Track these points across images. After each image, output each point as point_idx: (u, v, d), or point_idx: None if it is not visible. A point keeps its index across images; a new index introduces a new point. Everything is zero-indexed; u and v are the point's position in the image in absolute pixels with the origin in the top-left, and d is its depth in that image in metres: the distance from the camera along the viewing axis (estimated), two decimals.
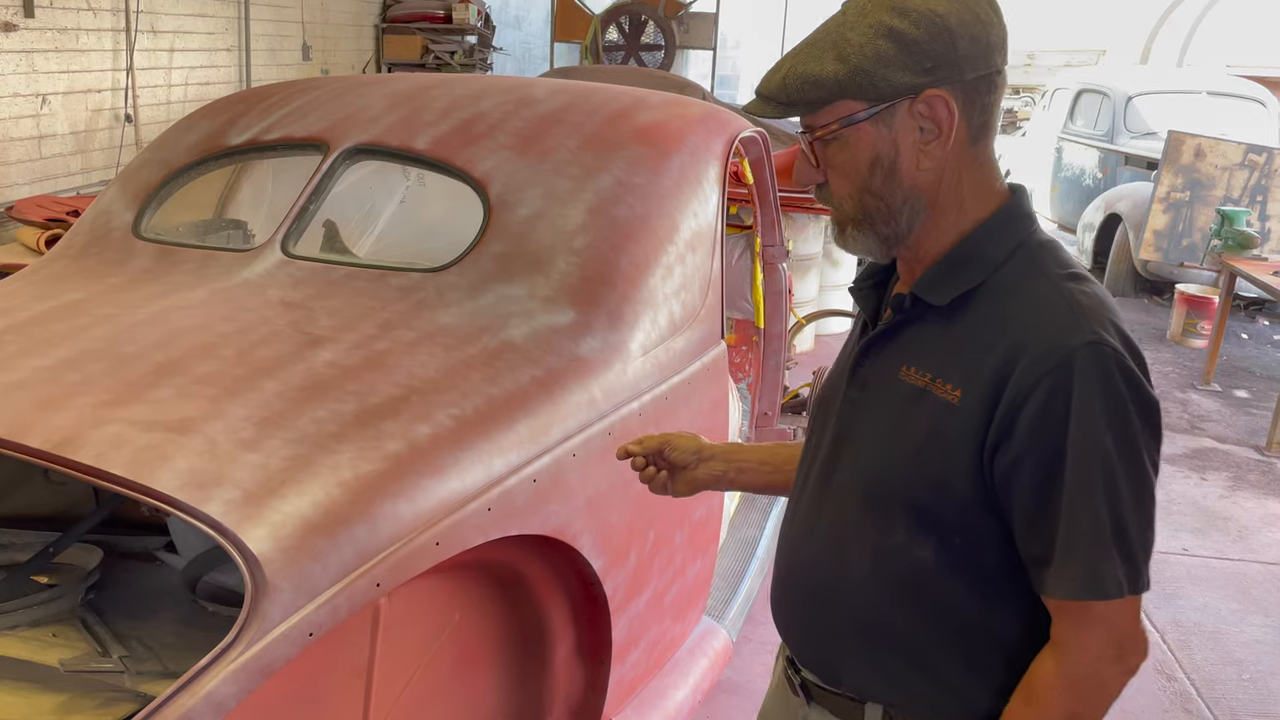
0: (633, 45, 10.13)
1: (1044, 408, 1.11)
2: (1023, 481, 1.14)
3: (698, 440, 1.56)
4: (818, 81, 1.18)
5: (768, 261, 3.60)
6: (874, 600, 1.27)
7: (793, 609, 1.38)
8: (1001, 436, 1.14)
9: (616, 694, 2.14)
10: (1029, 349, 1.13)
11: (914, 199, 1.22)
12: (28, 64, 4.92)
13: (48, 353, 1.75)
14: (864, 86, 1.17)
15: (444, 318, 1.97)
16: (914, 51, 1.16)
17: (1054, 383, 1.11)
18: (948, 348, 1.21)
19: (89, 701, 1.63)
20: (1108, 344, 1.12)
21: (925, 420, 1.20)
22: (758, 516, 3.39)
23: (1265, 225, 7.02)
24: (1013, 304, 1.18)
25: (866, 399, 1.29)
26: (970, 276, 1.21)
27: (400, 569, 1.46)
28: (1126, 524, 1.12)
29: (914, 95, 1.17)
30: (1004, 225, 1.23)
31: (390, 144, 2.30)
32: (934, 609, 1.23)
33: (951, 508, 1.19)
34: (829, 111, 1.20)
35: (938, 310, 1.23)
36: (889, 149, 1.20)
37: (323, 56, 8.01)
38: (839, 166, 1.23)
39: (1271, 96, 8.76)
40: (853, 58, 1.17)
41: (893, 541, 1.24)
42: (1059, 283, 1.18)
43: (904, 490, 1.22)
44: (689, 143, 2.39)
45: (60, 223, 4.05)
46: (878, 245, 1.26)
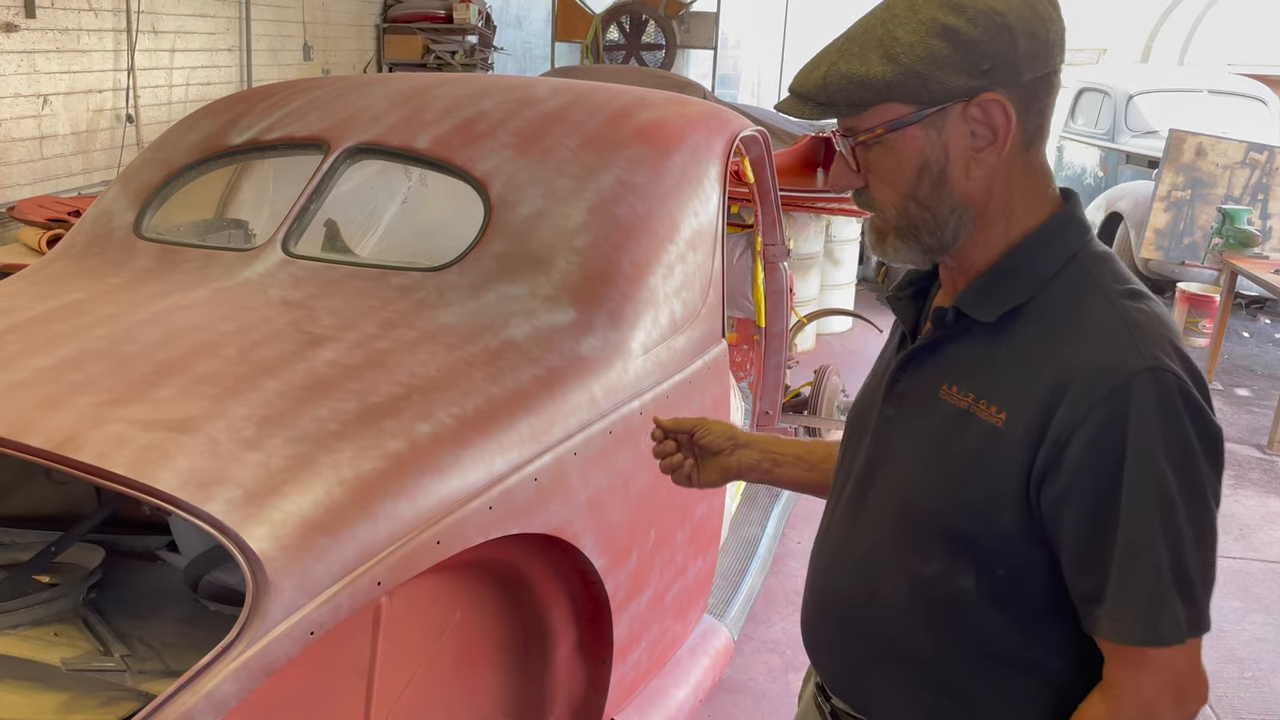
0: (634, 45, 10.13)
1: (1097, 438, 1.03)
2: (1072, 516, 1.06)
3: (732, 427, 1.51)
4: (863, 82, 1.09)
5: (769, 260, 3.60)
6: (909, 628, 1.20)
7: (823, 633, 1.32)
8: (1049, 467, 1.06)
9: (618, 693, 2.14)
10: (1081, 374, 1.04)
11: (962, 209, 1.14)
12: (29, 64, 4.93)
13: (49, 352, 1.75)
14: (915, 89, 1.08)
15: (445, 317, 1.97)
16: (970, 52, 1.07)
17: (1108, 411, 1.02)
18: (993, 367, 1.13)
19: (91, 700, 1.63)
20: (1168, 369, 1.03)
21: (967, 444, 1.12)
22: (759, 515, 3.39)
23: (1266, 224, 7.01)
24: (1064, 323, 1.10)
25: (904, 417, 1.21)
26: (1018, 291, 1.13)
27: (401, 568, 1.47)
28: (1188, 563, 1.04)
29: (968, 99, 1.09)
30: (1056, 235, 1.15)
31: (391, 143, 2.30)
32: (974, 640, 1.16)
33: (994, 537, 1.11)
34: (874, 114, 1.11)
35: (982, 326, 1.15)
36: (938, 155, 1.12)
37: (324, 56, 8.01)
38: (882, 172, 1.14)
39: (1273, 95, 8.75)
40: (903, 58, 1.08)
41: (930, 569, 1.16)
42: (1115, 300, 1.09)
43: (944, 516, 1.14)
44: (690, 142, 2.39)
45: (62, 223, 4.05)
46: (920, 255, 1.18)
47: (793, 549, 3.88)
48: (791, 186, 5.59)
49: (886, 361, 1.31)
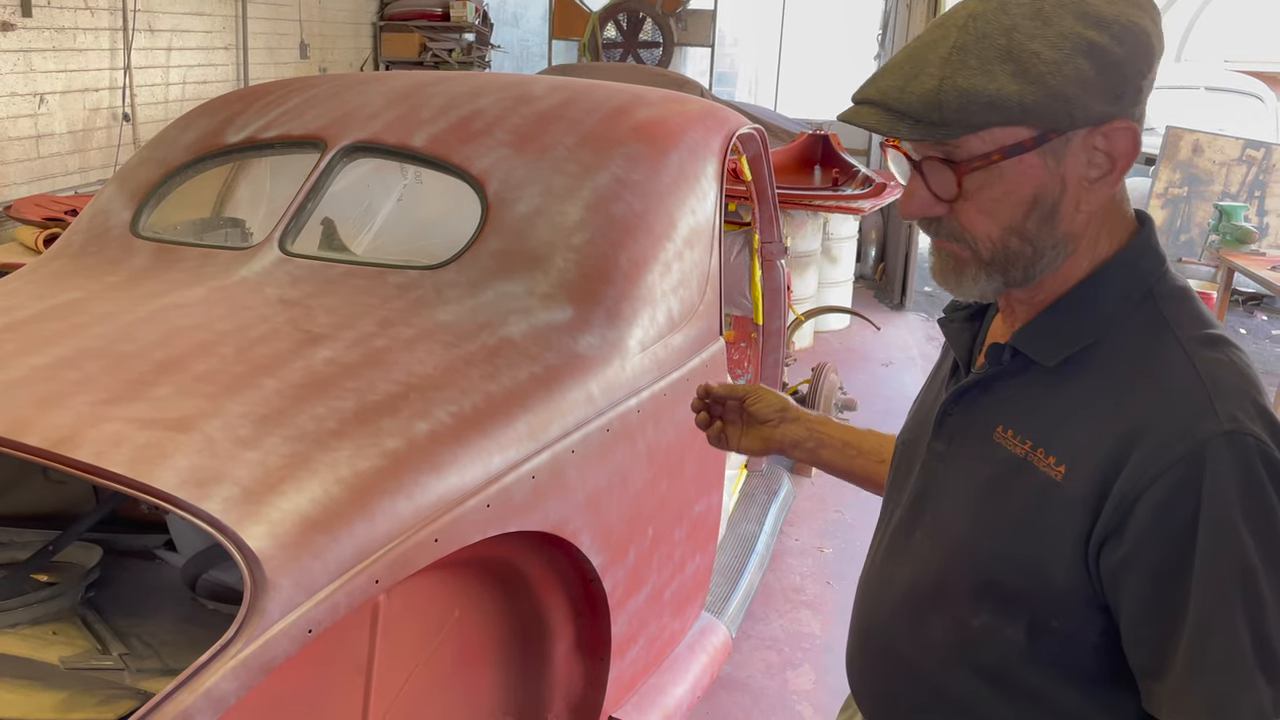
0: (631, 42, 10.13)
1: (1166, 505, 0.93)
2: (1134, 585, 0.96)
3: (785, 400, 1.46)
4: (992, 102, 0.95)
5: (766, 258, 3.60)
6: (955, 676, 1.12)
7: (868, 672, 1.25)
8: (1111, 530, 0.96)
9: (616, 690, 2.14)
10: (1151, 434, 0.94)
11: (1064, 244, 1.02)
12: (25, 63, 4.92)
13: (46, 351, 1.75)
14: (1056, 114, 0.95)
15: (442, 315, 1.97)
16: (1113, 74, 0.95)
17: (1180, 477, 0.92)
18: (1053, 414, 1.03)
19: (89, 699, 1.63)
20: (1248, 431, 0.93)
21: (1023, 495, 1.03)
22: (757, 512, 3.40)
23: (1263, 220, 7.02)
24: (1136, 373, 0.99)
25: (955, 455, 1.13)
26: (1085, 332, 1.03)
27: (399, 566, 1.47)
28: (1273, 643, 0.93)
29: (1096, 125, 0.97)
30: (1130, 268, 1.03)
31: (388, 141, 2.30)
32: (1023, 696, 1.07)
33: (1048, 594, 1.02)
34: (989, 137, 0.97)
35: (1041, 368, 1.05)
36: (1054, 187, 0.99)
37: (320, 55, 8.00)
38: (985, 202, 1.00)
39: (1269, 92, 8.76)
40: (1049, 78, 0.94)
41: (979, 620, 1.08)
42: (1193, 350, 0.98)
43: (994, 567, 1.06)
44: (687, 139, 2.39)
45: (58, 222, 4.05)
46: (995, 290, 1.06)
47: (790, 546, 3.88)
48: (789, 184, 5.59)
49: (937, 389, 1.22)
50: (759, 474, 3.66)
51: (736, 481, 3.51)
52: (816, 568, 3.75)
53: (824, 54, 14.04)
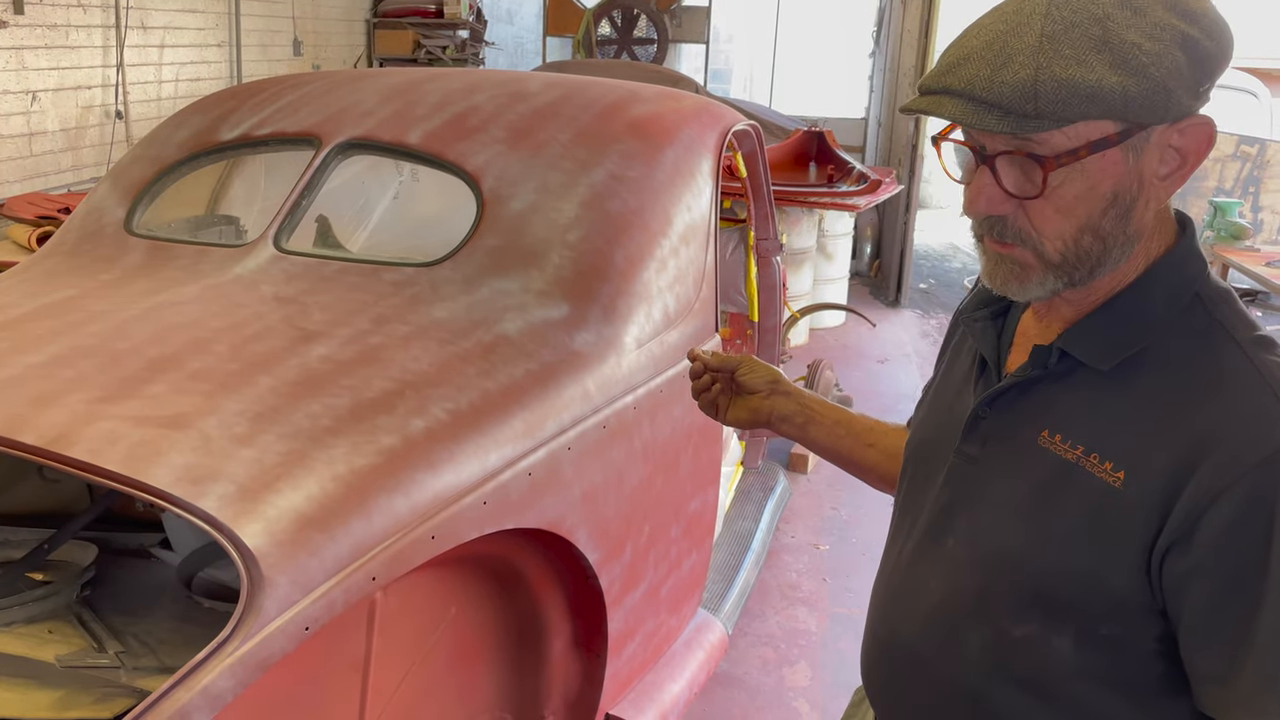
0: (625, 39, 10.12)
1: (1239, 515, 0.91)
2: (1204, 592, 0.95)
3: (776, 373, 1.43)
4: (1092, 93, 0.91)
5: (762, 255, 3.60)
6: (996, 689, 1.08)
7: (889, 680, 1.22)
8: (1177, 538, 0.94)
9: (613, 687, 2.14)
10: (1222, 442, 0.93)
11: (1131, 244, 1.00)
12: (17, 61, 4.90)
13: (41, 349, 1.75)
14: (1156, 108, 0.92)
15: (438, 312, 1.97)
16: (1202, 68, 0.93)
17: (1255, 486, 0.91)
18: (1106, 418, 1.00)
19: (85, 697, 1.63)
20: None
21: (1077, 501, 1.00)
22: (753, 509, 3.40)
23: (1258, 216, 7.04)
24: (1197, 378, 0.97)
25: (991, 460, 1.09)
26: (1137, 335, 1.01)
27: (396, 563, 1.46)
28: None
29: (1177, 120, 0.95)
30: (1178, 270, 1.02)
31: (383, 138, 2.30)
32: (1066, 707, 1.05)
33: (1101, 603, 1.00)
34: (1076, 132, 0.94)
35: (1092, 370, 1.02)
36: (1132, 184, 0.97)
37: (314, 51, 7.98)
38: (1062, 200, 0.97)
39: (1264, 88, 8.78)
40: (1153, 70, 0.91)
41: (1023, 630, 1.05)
42: (1253, 355, 0.97)
43: (1045, 576, 1.03)
44: (683, 136, 2.39)
45: (52, 220, 4.04)
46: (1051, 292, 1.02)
47: (786, 543, 3.89)
48: (784, 181, 5.59)
49: (958, 389, 1.18)
50: (755, 471, 3.67)
51: (732, 479, 3.51)
52: (812, 565, 3.75)
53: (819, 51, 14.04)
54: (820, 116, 7.60)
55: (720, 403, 1.46)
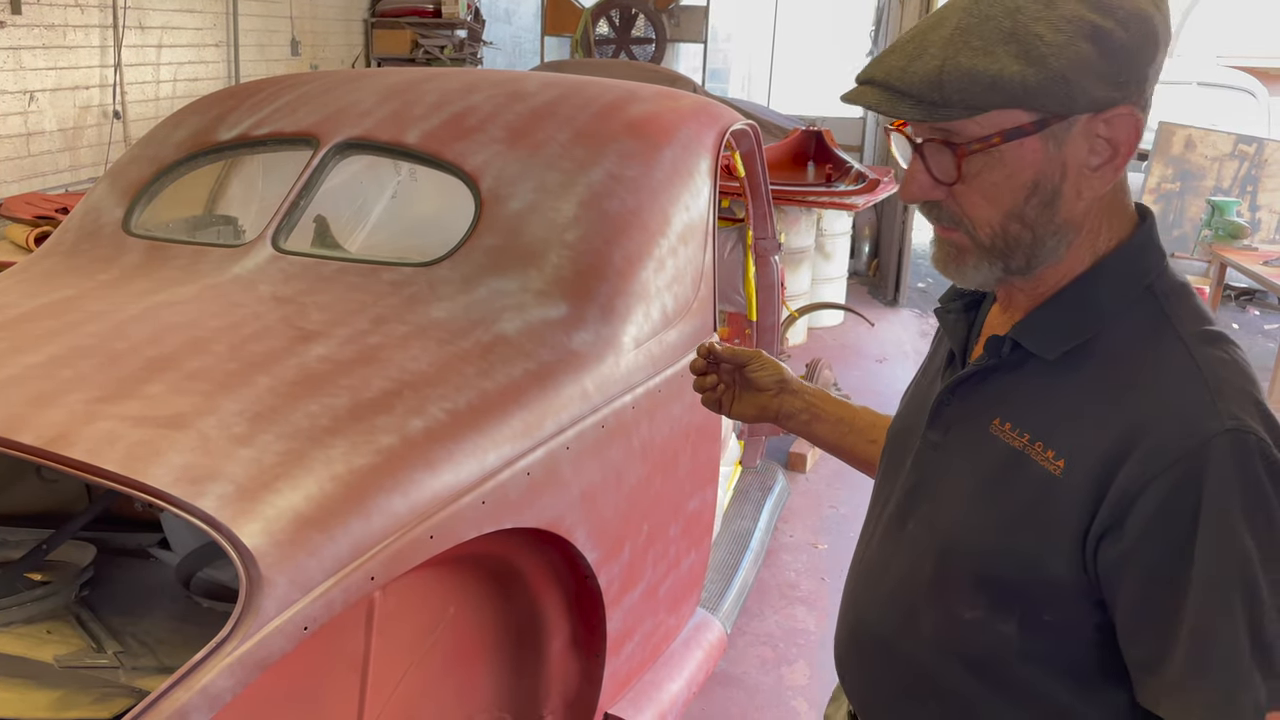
0: (623, 39, 10.12)
1: (1167, 502, 0.93)
2: (1134, 580, 0.96)
3: (783, 370, 1.46)
4: (994, 82, 0.95)
5: (760, 254, 3.60)
6: (946, 669, 1.11)
7: (858, 664, 1.25)
8: (1110, 526, 0.96)
9: (612, 686, 2.14)
10: (1153, 431, 0.94)
11: (1064, 231, 1.02)
12: (15, 61, 4.90)
13: (39, 349, 1.75)
14: (1058, 97, 0.95)
15: (436, 312, 1.97)
16: (1116, 59, 0.95)
17: (1181, 475, 0.92)
18: (1052, 407, 1.03)
19: (84, 697, 1.63)
20: (1251, 431, 0.93)
21: (1020, 489, 1.03)
22: (751, 509, 3.40)
23: (1255, 215, 7.05)
24: (1137, 369, 0.99)
25: (950, 446, 1.12)
26: (1084, 326, 1.03)
27: (394, 562, 1.47)
28: (1271, 641, 0.93)
29: (1098, 111, 0.97)
30: (1131, 262, 1.03)
31: (381, 138, 2.30)
32: (1015, 690, 1.07)
33: (1042, 588, 1.02)
34: (989, 120, 0.97)
35: (1041, 360, 1.05)
36: (1054, 173, 0.99)
37: (312, 51, 7.98)
38: (985, 186, 1.00)
39: (1261, 87, 8.79)
40: (1052, 61, 0.94)
41: (971, 614, 1.08)
42: (1194, 347, 0.98)
43: (990, 561, 1.06)
44: (681, 135, 2.39)
45: (49, 220, 4.03)
46: (994, 278, 1.06)
47: (785, 542, 3.89)
48: (782, 180, 5.59)
49: (932, 378, 1.22)
50: (753, 470, 3.67)
51: (731, 478, 3.52)
52: (811, 564, 3.76)
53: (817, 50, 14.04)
54: (818, 116, 7.60)
55: (725, 398, 1.48)
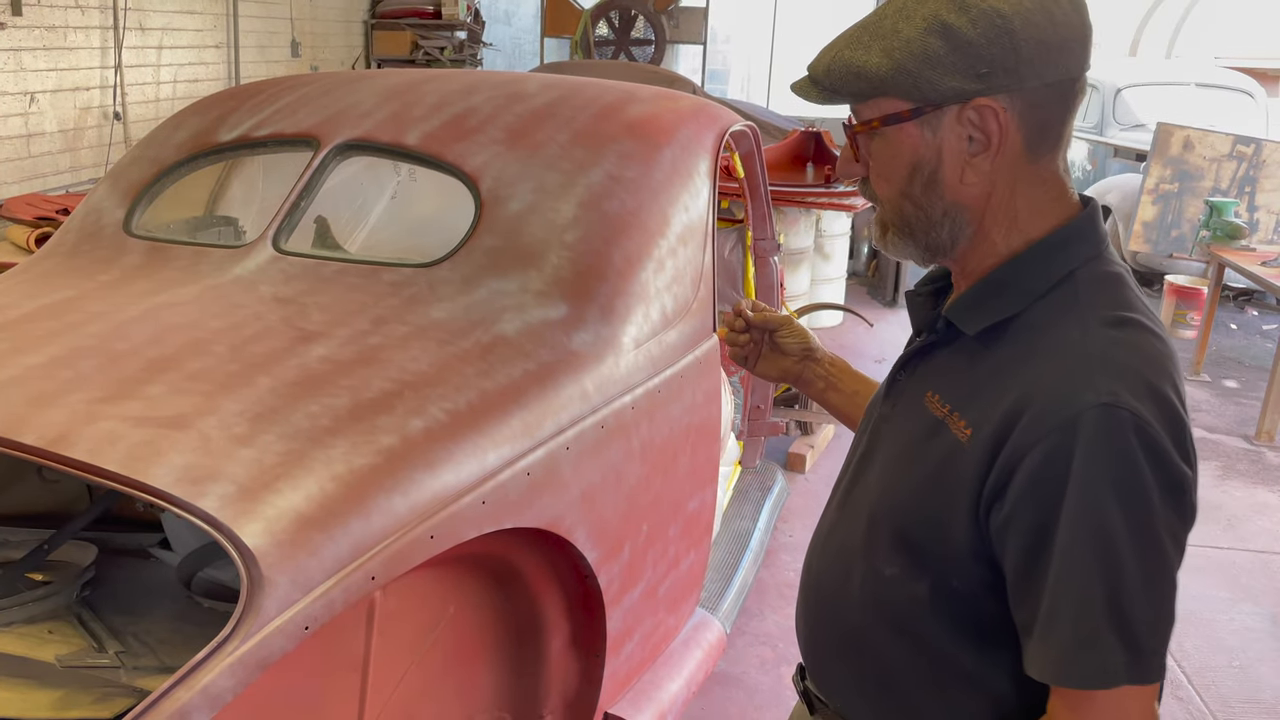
0: (623, 40, 10.13)
1: (1040, 470, 0.99)
2: (1015, 544, 1.03)
3: (811, 340, 1.59)
4: (859, 72, 1.09)
5: (759, 255, 3.61)
6: (870, 625, 1.19)
7: (806, 622, 1.33)
8: (997, 492, 1.03)
9: (611, 686, 2.15)
10: (1036, 402, 1.00)
11: (956, 213, 1.11)
12: (15, 62, 4.90)
13: (40, 350, 1.75)
14: (906, 87, 1.06)
15: (436, 312, 1.97)
16: (967, 54, 1.04)
17: (1054, 444, 0.98)
18: (971, 381, 1.11)
19: (85, 696, 1.63)
20: (1125, 406, 0.97)
21: (936, 454, 1.11)
22: (751, 509, 3.40)
23: (1253, 216, 7.05)
24: (1039, 345, 1.06)
25: (894, 417, 1.22)
26: (1003, 306, 1.10)
27: (395, 562, 1.47)
28: (1128, 607, 0.98)
29: (963, 102, 1.06)
30: (1057, 250, 1.10)
31: (381, 139, 2.30)
32: (924, 647, 1.15)
33: (947, 549, 1.09)
34: (874, 105, 1.11)
35: (968, 337, 1.13)
36: (931, 157, 1.09)
37: (312, 53, 7.99)
38: (879, 165, 1.14)
39: (1259, 88, 8.79)
40: (898, 53, 1.06)
41: (890, 570, 1.16)
42: (1095, 327, 1.04)
43: (905, 521, 1.14)
44: (680, 136, 2.39)
45: (50, 221, 4.04)
46: (919, 253, 1.16)
47: (785, 542, 3.89)
48: (781, 181, 5.60)
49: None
50: (753, 470, 3.67)
51: (730, 478, 3.52)
52: None
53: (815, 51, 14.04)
54: (817, 117, 7.60)
55: (751, 356, 1.62)
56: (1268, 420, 5.21)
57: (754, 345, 1.61)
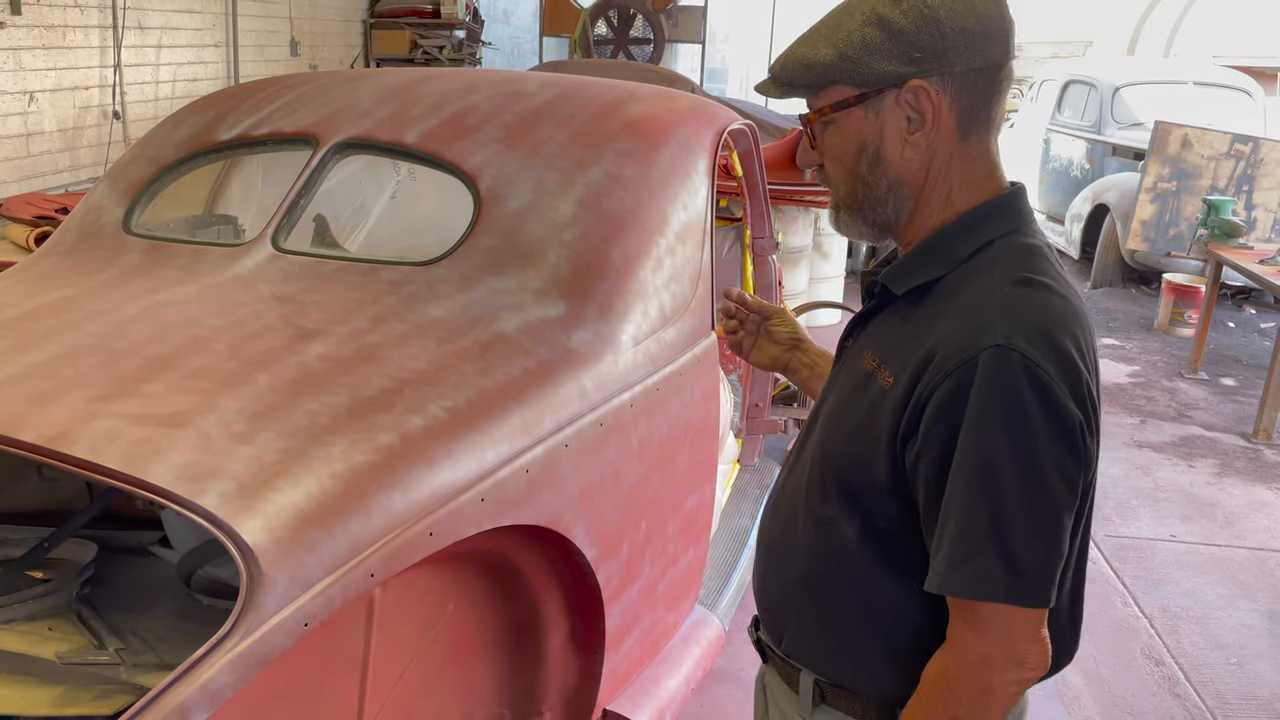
0: (622, 39, 10.13)
1: (943, 406, 1.11)
2: (923, 476, 1.15)
3: (799, 330, 1.70)
4: (809, 65, 1.22)
5: (758, 254, 3.61)
6: (813, 569, 1.30)
7: (757, 569, 1.44)
8: (910, 429, 1.15)
9: (610, 683, 2.15)
10: (943, 346, 1.13)
11: (898, 188, 1.24)
12: (15, 61, 4.90)
13: (40, 348, 1.76)
14: (850, 73, 1.20)
15: (435, 310, 1.98)
16: (900, 41, 1.18)
17: (956, 382, 1.11)
18: (897, 337, 1.23)
19: (86, 694, 1.64)
20: (1017, 349, 1.09)
21: (864, 403, 1.23)
22: (749, 507, 3.41)
23: (1251, 214, 7.06)
24: (953, 300, 1.19)
25: (839, 377, 1.34)
26: (929, 270, 1.23)
27: (394, 560, 1.47)
28: (1010, 530, 1.09)
29: (899, 85, 1.19)
30: (980, 221, 1.23)
31: (380, 138, 2.31)
32: (861, 589, 1.25)
33: (872, 489, 1.21)
34: (824, 95, 1.24)
35: (900, 299, 1.25)
36: (874, 136, 1.22)
37: (311, 52, 7.99)
38: (832, 150, 1.27)
39: (1257, 87, 8.80)
40: (841, 43, 1.20)
41: (828, 513, 1.27)
42: (1002, 285, 1.16)
43: (837, 465, 1.26)
44: (678, 135, 2.40)
45: (49, 220, 4.04)
46: (867, 230, 1.29)
47: None
48: (779, 180, 5.60)
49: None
50: (752, 468, 3.68)
51: (729, 476, 3.52)
52: None
53: None
54: None
55: (745, 343, 1.72)
56: (1265, 418, 5.22)
57: (749, 334, 1.71)
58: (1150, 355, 6.52)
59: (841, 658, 1.29)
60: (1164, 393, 5.87)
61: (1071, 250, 8.30)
